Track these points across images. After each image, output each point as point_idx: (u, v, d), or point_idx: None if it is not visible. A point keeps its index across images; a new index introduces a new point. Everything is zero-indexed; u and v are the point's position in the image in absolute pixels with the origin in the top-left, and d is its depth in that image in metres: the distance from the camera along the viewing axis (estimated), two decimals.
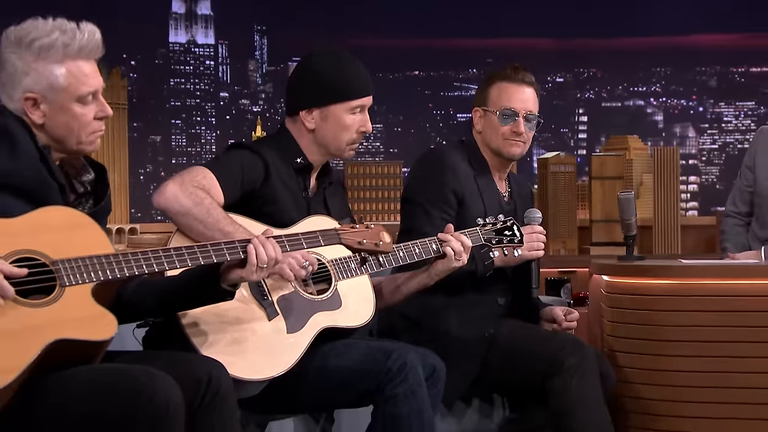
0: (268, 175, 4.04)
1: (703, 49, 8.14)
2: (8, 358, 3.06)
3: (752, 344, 4.64)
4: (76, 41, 3.36)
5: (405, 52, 8.13)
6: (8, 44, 3.37)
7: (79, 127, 3.40)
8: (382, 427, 3.91)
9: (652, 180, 8.50)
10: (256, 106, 7.72)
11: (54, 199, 3.35)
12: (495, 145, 4.67)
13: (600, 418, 4.41)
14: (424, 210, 4.55)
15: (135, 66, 7.57)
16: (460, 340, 4.44)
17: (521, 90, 4.67)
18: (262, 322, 3.82)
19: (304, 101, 4.16)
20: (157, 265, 3.37)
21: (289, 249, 3.63)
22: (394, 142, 7.98)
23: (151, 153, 7.54)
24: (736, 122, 7.95)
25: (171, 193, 3.82)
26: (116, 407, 3.11)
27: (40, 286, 3.20)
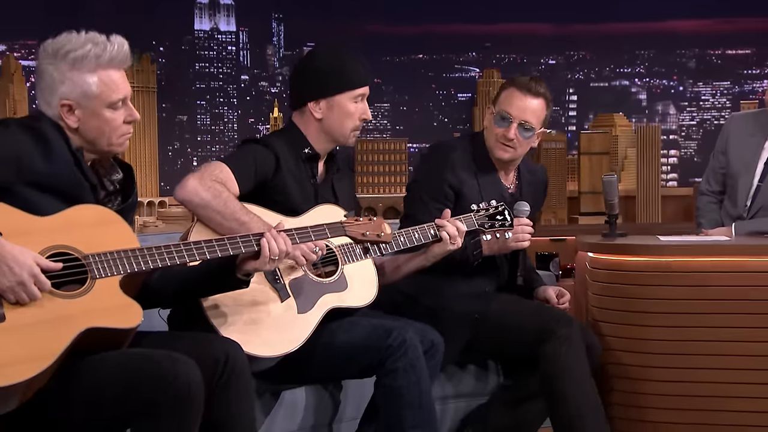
0: (278, 167, 4.07)
1: (683, 34, 8.12)
2: (45, 345, 3.10)
3: (720, 315, 4.68)
4: (107, 52, 3.38)
5: (410, 37, 8.14)
6: (45, 56, 3.39)
7: (110, 130, 3.42)
8: (383, 397, 3.99)
9: (635, 154, 8.49)
10: (274, 88, 7.74)
11: (86, 197, 3.38)
12: (489, 144, 4.67)
13: (585, 385, 4.45)
14: (422, 201, 4.59)
15: (163, 52, 7.59)
16: (453, 314, 4.48)
17: (524, 98, 4.58)
18: (275, 303, 3.86)
19: (311, 93, 4.18)
20: (179, 258, 3.40)
21: (299, 241, 3.67)
22: (399, 120, 7.99)
23: (178, 131, 7.55)
24: (713, 100, 7.93)
25: (191, 187, 3.86)
26: (143, 390, 3.15)
27: (74, 278, 3.26)
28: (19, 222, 3.20)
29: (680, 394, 4.72)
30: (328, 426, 4.28)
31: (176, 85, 8.27)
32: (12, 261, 3.08)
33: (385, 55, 8.69)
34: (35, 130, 3.34)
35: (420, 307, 4.44)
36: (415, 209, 4.62)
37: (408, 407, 3.94)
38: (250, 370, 3.52)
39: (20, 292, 3.11)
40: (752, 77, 8.75)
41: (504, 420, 4.71)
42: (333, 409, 4.27)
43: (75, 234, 3.28)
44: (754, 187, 5.39)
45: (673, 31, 8.69)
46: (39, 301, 3.14)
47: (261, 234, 3.55)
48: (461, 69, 8.85)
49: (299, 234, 3.68)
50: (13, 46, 7.77)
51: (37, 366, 3.07)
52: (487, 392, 4.82)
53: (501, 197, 4.56)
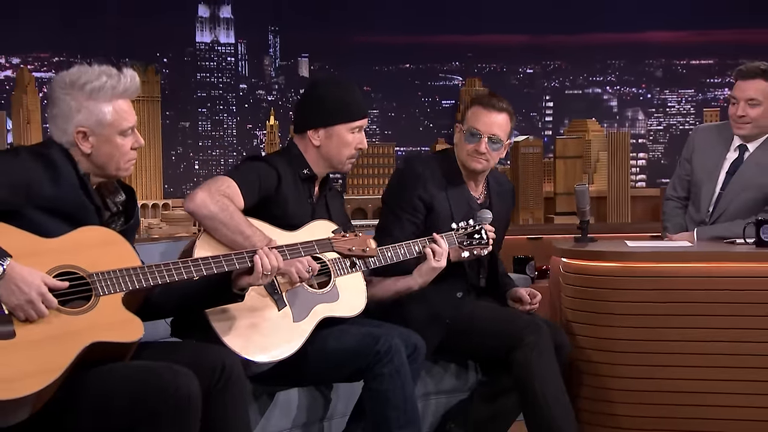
0: (279, 184, 4.09)
1: (651, 45, 8.14)
2: (52, 360, 3.10)
3: (683, 317, 4.66)
4: (121, 84, 3.39)
5: (397, 47, 8.14)
6: (62, 87, 3.39)
7: (119, 155, 3.43)
8: (371, 399, 4.00)
9: (607, 157, 8.52)
10: (270, 96, 7.73)
11: (91, 219, 3.38)
12: (461, 159, 4.66)
13: (556, 387, 4.46)
14: (395, 214, 4.58)
15: (167, 63, 7.58)
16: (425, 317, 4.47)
17: (490, 115, 4.58)
18: (272, 311, 3.87)
19: (312, 122, 4.20)
20: (177, 275, 3.41)
21: (290, 257, 3.69)
22: (388, 125, 8.01)
23: (181, 137, 7.54)
24: (678, 107, 7.95)
25: (200, 200, 3.86)
26: (147, 401, 3.15)
27: (80, 296, 3.26)
28: (28, 244, 3.20)
29: (644, 390, 4.71)
30: (320, 423, 4.29)
31: (179, 94, 8.31)
32: (21, 281, 3.09)
33: (374, 65, 8.74)
34: (44, 156, 3.34)
35: (396, 310, 4.42)
36: (388, 222, 4.61)
37: (393, 409, 3.95)
38: (245, 376, 3.52)
39: (29, 310, 3.11)
40: (715, 86, 8.80)
41: (482, 413, 4.71)
42: (324, 407, 4.28)
43: (80, 254, 3.28)
44: (716, 194, 5.38)
45: (641, 43, 8.74)
46: (47, 318, 3.14)
47: (254, 251, 3.57)
48: (445, 78, 8.90)
49: (290, 250, 3.71)
50: (26, 58, 7.79)
51: (45, 379, 3.07)
52: (467, 388, 4.82)
53: (470, 208, 4.61)
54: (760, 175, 5.29)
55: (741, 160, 5.37)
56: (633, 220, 8.48)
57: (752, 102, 5.28)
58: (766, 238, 4.76)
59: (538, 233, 7.80)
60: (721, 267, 4.70)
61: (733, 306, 4.64)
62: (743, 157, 5.37)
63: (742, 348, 4.64)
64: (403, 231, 4.47)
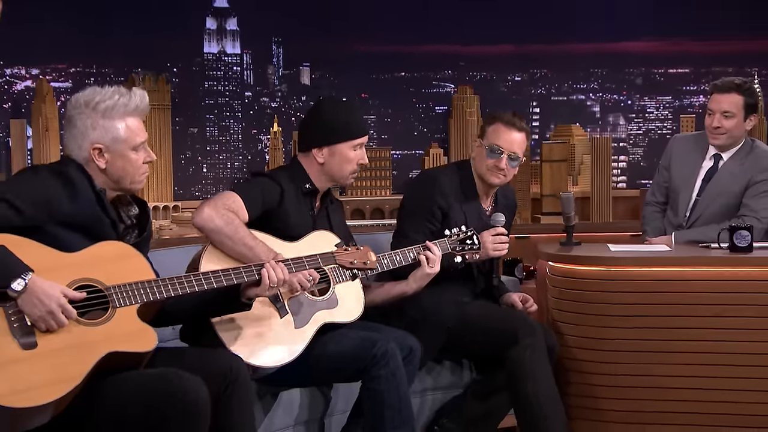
0: (282, 198, 4.09)
1: (631, 54, 8.14)
2: (72, 368, 3.11)
3: (662, 317, 4.67)
4: (132, 102, 3.41)
5: (393, 57, 8.13)
6: (77, 107, 3.41)
7: (133, 170, 3.44)
8: (368, 399, 4.01)
9: (590, 160, 8.49)
10: (274, 103, 7.72)
11: (107, 232, 3.38)
12: (481, 173, 4.68)
13: (548, 386, 4.46)
14: (413, 219, 4.61)
15: (177, 72, 7.55)
16: (430, 324, 4.47)
17: (511, 133, 4.62)
18: (275, 319, 3.87)
19: (316, 141, 4.20)
20: (189, 288, 3.41)
21: (295, 270, 3.70)
22: (384, 130, 7.99)
23: (189, 142, 7.53)
24: (657, 113, 7.94)
25: (206, 215, 3.86)
26: (159, 408, 3.15)
27: (97, 308, 3.26)
28: (48, 259, 3.21)
29: (628, 386, 4.72)
30: (320, 420, 4.28)
31: (188, 102, 8.26)
32: (42, 294, 3.09)
33: (371, 73, 8.68)
34: (63, 174, 3.35)
35: (403, 316, 4.42)
36: (408, 227, 4.62)
37: (389, 408, 3.96)
38: (251, 380, 3.53)
39: (50, 321, 3.11)
40: (690, 93, 8.78)
41: (476, 410, 4.71)
42: (324, 405, 4.27)
43: (98, 268, 3.28)
44: (693, 200, 5.39)
45: (622, 53, 8.71)
46: (66, 329, 3.14)
47: (262, 264, 3.57)
48: (438, 85, 8.84)
49: (295, 263, 3.72)
50: (45, 70, 7.73)
51: (65, 387, 3.07)
52: (461, 386, 4.81)
53: (480, 220, 4.64)
54: (733, 182, 5.30)
55: (716, 169, 5.38)
56: (614, 219, 8.45)
57: (727, 114, 5.28)
58: (739, 243, 4.78)
59: (526, 233, 7.80)
60: (697, 271, 4.71)
61: (709, 307, 4.65)
62: (718, 165, 5.37)
63: (717, 346, 4.65)
64: (421, 235, 4.48)
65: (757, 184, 5.27)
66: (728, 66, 8.66)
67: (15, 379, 3.01)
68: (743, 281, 4.66)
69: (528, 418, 4.46)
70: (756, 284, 4.64)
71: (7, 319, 3.09)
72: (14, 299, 3.09)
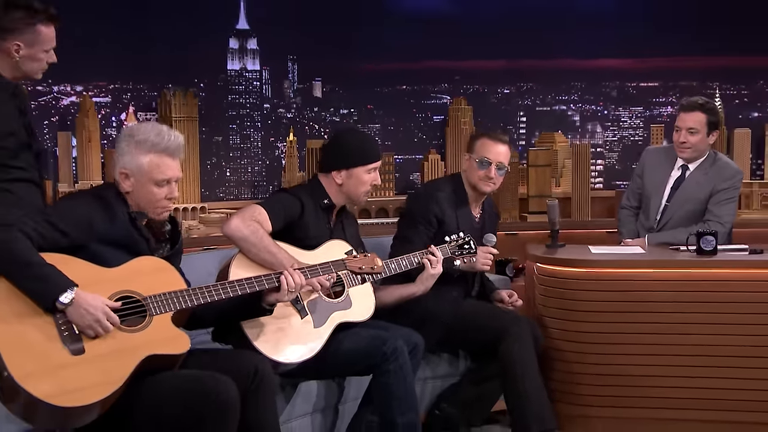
0: (303, 212, 4.09)
1: (607, 70, 8.13)
2: (115, 371, 3.12)
3: (637, 313, 4.68)
4: (163, 142, 3.40)
5: (395, 72, 8.12)
6: (123, 136, 3.44)
7: (153, 202, 3.43)
8: (378, 390, 4.02)
9: (571, 164, 8.48)
10: (289, 113, 7.71)
11: (142, 248, 3.39)
12: (473, 183, 4.71)
13: (532, 372, 4.47)
14: (413, 225, 4.62)
15: (203, 87, 7.54)
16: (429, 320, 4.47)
17: (497, 146, 4.69)
18: (296, 319, 3.88)
19: (335, 164, 4.20)
20: (216, 295, 3.41)
21: (310, 276, 3.70)
22: (387, 137, 8.00)
23: (215, 149, 7.53)
24: (630, 122, 7.93)
25: (235, 225, 3.87)
26: (193, 407, 3.16)
27: (137, 316, 3.27)
28: (91, 274, 3.22)
29: (606, 374, 4.73)
30: (335, 407, 4.29)
31: (213, 113, 8.25)
32: (87, 305, 3.11)
33: (376, 87, 8.66)
34: (103, 199, 3.36)
35: (410, 314, 4.40)
36: (408, 231, 4.63)
37: (396, 399, 3.97)
38: (274, 376, 3.53)
39: (97, 328, 3.12)
40: (660, 104, 8.76)
41: (470, 395, 4.73)
42: (338, 394, 4.27)
43: (136, 280, 3.29)
44: (663, 206, 5.41)
45: (599, 68, 8.69)
46: (110, 335, 3.15)
47: (280, 273, 3.56)
48: (436, 97, 8.82)
49: (310, 270, 3.72)
50: (87, 86, 7.72)
51: (110, 388, 3.08)
52: (458, 374, 4.82)
53: (471, 225, 4.67)
54: (699, 191, 5.32)
55: (683, 178, 5.39)
56: (593, 217, 8.45)
57: (692, 130, 5.30)
58: (705, 247, 4.79)
59: (514, 230, 7.83)
60: (668, 272, 4.72)
61: (678, 304, 4.66)
62: (685, 175, 5.39)
63: (685, 339, 4.66)
64: (421, 239, 4.52)
65: (720, 193, 5.30)
66: (692, 80, 8.67)
67: (66, 382, 3.02)
68: (708, 281, 4.67)
69: (515, 400, 4.46)
70: (720, 284, 4.65)
71: (58, 328, 3.10)
72: (63, 311, 3.10)
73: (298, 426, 4.11)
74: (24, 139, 4.03)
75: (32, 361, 3.00)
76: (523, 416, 4.43)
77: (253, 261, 3.86)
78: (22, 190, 4.00)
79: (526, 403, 4.42)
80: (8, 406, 3.05)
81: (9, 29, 3.91)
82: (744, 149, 8.48)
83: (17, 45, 3.91)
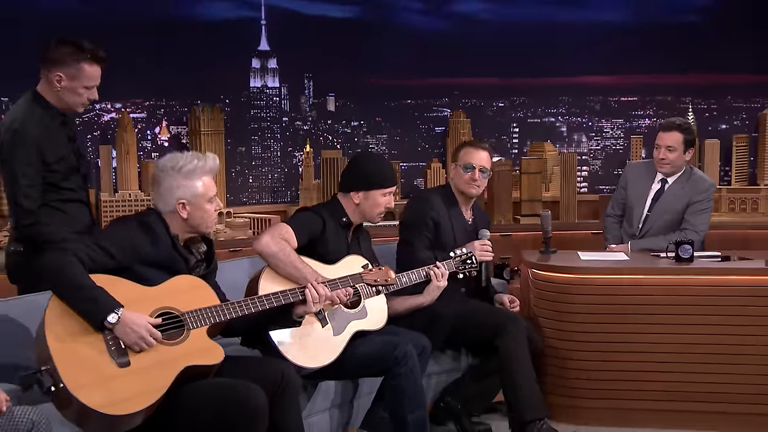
0: (324, 229, 4.08)
1: (591, 86, 8.09)
2: (157, 381, 3.12)
3: (623, 314, 4.69)
4: (207, 165, 3.42)
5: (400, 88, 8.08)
6: (163, 170, 3.41)
7: (208, 218, 3.45)
8: (390, 390, 4.01)
9: (559, 171, 8.46)
10: (305, 126, 7.68)
11: (181, 268, 3.38)
12: (460, 187, 4.72)
13: (526, 366, 4.46)
14: (414, 231, 4.62)
15: (228, 103, 7.50)
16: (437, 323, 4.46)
17: (479, 152, 4.72)
18: (318, 328, 3.88)
19: (354, 186, 4.19)
20: (247, 309, 3.41)
21: (331, 289, 3.69)
22: (394, 146, 7.95)
23: (238, 159, 7.50)
24: (611, 132, 7.90)
25: (265, 242, 3.87)
26: (226, 413, 3.16)
27: (176, 330, 3.26)
28: (135, 292, 3.23)
29: (594, 369, 4.74)
30: (350, 402, 4.28)
31: (237, 126, 8.24)
32: (132, 324, 3.11)
33: (384, 101, 8.65)
34: (145, 224, 3.36)
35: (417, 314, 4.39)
36: (410, 236, 4.63)
37: (407, 398, 3.96)
38: (298, 380, 3.52)
39: (141, 344, 3.12)
40: (638, 116, 8.74)
41: (472, 389, 4.71)
42: (353, 391, 4.27)
43: (174, 298, 3.29)
44: (644, 215, 5.41)
45: (584, 84, 8.68)
46: (153, 349, 3.15)
47: (305, 287, 3.56)
48: (437, 110, 8.79)
49: (331, 284, 3.71)
50: (125, 104, 7.71)
51: (153, 397, 3.09)
52: (461, 369, 4.80)
53: (464, 227, 4.71)
54: (676, 202, 5.33)
55: (663, 190, 5.39)
56: (579, 219, 8.43)
57: (670, 148, 5.31)
58: (683, 255, 4.80)
59: (508, 231, 7.81)
60: (649, 278, 4.72)
61: (659, 306, 4.67)
62: (664, 188, 5.39)
63: (665, 338, 4.67)
64: (422, 242, 4.55)
65: (695, 204, 5.31)
66: (667, 95, 8.66)
67: (114, 392, 3.03)
68: (685, 286, 4.68)
69: (511, 392, 4.45)
70: (696, 288, 4.66)
71: (106, 344, 3.11)
72: (110, 329, 3.10)
73: (318, 420, 4.11)
74: (73, 163, 4.05)
75: (84, 374, 3.02)
76: (518, 406, 4.42)
77: (280, 275, 3.84)
78: (73, 209, 4.03)
79: (520, 394, 4.41)
80: (63, 412, 3.06)
81: (55, 61, 3.92)
82: (713, 158, 8.46)
83: (59, 76, 3.91)
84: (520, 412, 4.41)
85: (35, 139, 3.84)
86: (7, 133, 3.86)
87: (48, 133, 3.91)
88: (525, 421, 4.38)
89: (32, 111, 3.92)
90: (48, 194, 3.92)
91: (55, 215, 3.95)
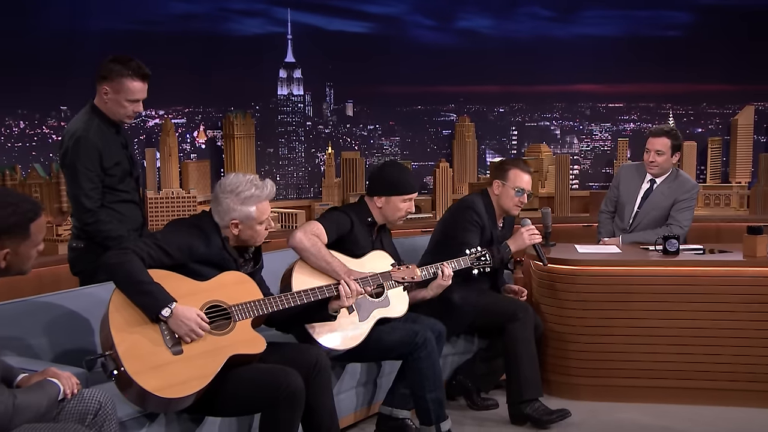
0: (352, 227, 4.04)
1: (582, 93, 8.03)
2: (207, 368, 3.11)
3: (617, 302, 4.67)
4: (264, 193, 3.37)
5: (412, 94, 8.03)
6: (224, 191, 3.37)
7: (257, 236, 3.41)
8: (410, 372, 3.99)
9: (554, 170, 8.42)
10: (327, 129, 7.63)
11: (230, 266, 3.36)
12: (507, 207, 4.64)
13: (530, 349, 4.45)
14: (465, 227, 4.49)
15: (258, 110, 7.45)
16: (458, 312, 4.43)
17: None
18: (346, 315, 3.84)
19: (378, 191, 4.14)
20: (287, 303, 3.39)
21: (362, 285, 3.66)
22: (406, 148, 7.89)
23: (267, 159, 7.45)
24: (600, 135, 7.84)
25: (298, 238, 3.84)
26: (268, 395, 3.15)
27: (224, 321, 3.24)
28: (187, 287, 3.21)
29: (589, 350, 4.72)
30: (375, 381, 4.28)
31: (266, 130, 8.21)
32: (183, 317, 3.10)
33: (397, 107, 8.61)
34: (199, 227, 3.33)
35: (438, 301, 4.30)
36: (465, 236, 4.44)
37: (426, 379, 3.95)
38: (330, 364, 3.49)
39: (192, 335, 3.10)
40: (624, 121, 8.69)
41: (482, 369, 4.69)
42: (377, 370, 4.26)
43: (223, 292, 3.27)
44: (635, 212, 5.39)
45: (576, 92, 8.64)
46: (203, 339, 3.14)
47: (338, 283, 3.53)
48: (445, 115, 8.75)
49: (362, 280, 3.68)
50: (168, 110, 7.68)
51: (204, 381, 3.08)
52: (472, 351, 4.79)
53: (496, 233, 4.63)
54: (663, 200, 5.31)
55: (651, 190, 5.37)
56: (571, 213, 8.38)
57: (659, 152, 5.28)
58: (670, 248, 4.77)
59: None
60: (640, 269, 4.69)
61: (648, 295, 4.65)
62: (653, 187, 5.37)
63: (654, 323, 4.65)
64: (474, 238, 4.42)
65: (681, 202, 5.28)
66: (650, 102, 8.62)
67: (169, 377, 3.02)
68: (672, 276, 4.65)
69: (513, 370, 4.42)
70: (681, 278, 4.64)
71: (162, 334, 3.09)
72: (165, 321, 3.08)
73: (346, 397, 4.11)
74: (127, 168, 4.03)
75: (142, 360, 3.01)
76: (518, 384, 4.40)
77: (311, 268, 3.81)
78: (126, 209, 4.01)
79: (521, 375, 4.39)
80: (123, 394, 3.06)
81: (104, 76, 3.92)
82: (691, 158, 8.43)
83: (106, 89, 3.91)
84: (518, 390, 4.40)
85: (95, 145, 3.84)
86: (70, 140, 3.86)
87: (105, 141, 3.91)
88: (522, 399, 4.37)
89: (91, 121, 3.92)
90: (105, 196, 3.91)
91: (112, 215, 3.94)
